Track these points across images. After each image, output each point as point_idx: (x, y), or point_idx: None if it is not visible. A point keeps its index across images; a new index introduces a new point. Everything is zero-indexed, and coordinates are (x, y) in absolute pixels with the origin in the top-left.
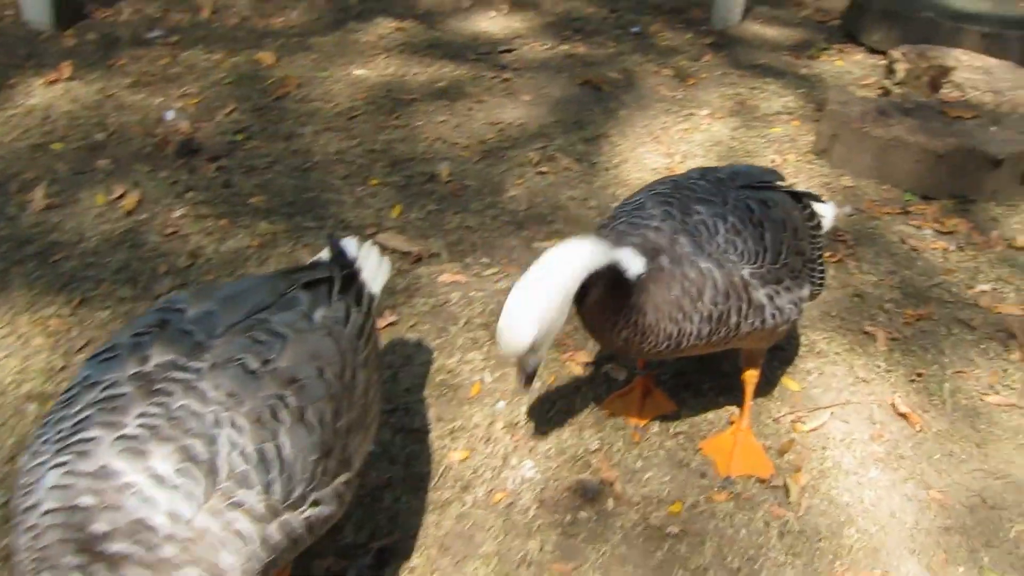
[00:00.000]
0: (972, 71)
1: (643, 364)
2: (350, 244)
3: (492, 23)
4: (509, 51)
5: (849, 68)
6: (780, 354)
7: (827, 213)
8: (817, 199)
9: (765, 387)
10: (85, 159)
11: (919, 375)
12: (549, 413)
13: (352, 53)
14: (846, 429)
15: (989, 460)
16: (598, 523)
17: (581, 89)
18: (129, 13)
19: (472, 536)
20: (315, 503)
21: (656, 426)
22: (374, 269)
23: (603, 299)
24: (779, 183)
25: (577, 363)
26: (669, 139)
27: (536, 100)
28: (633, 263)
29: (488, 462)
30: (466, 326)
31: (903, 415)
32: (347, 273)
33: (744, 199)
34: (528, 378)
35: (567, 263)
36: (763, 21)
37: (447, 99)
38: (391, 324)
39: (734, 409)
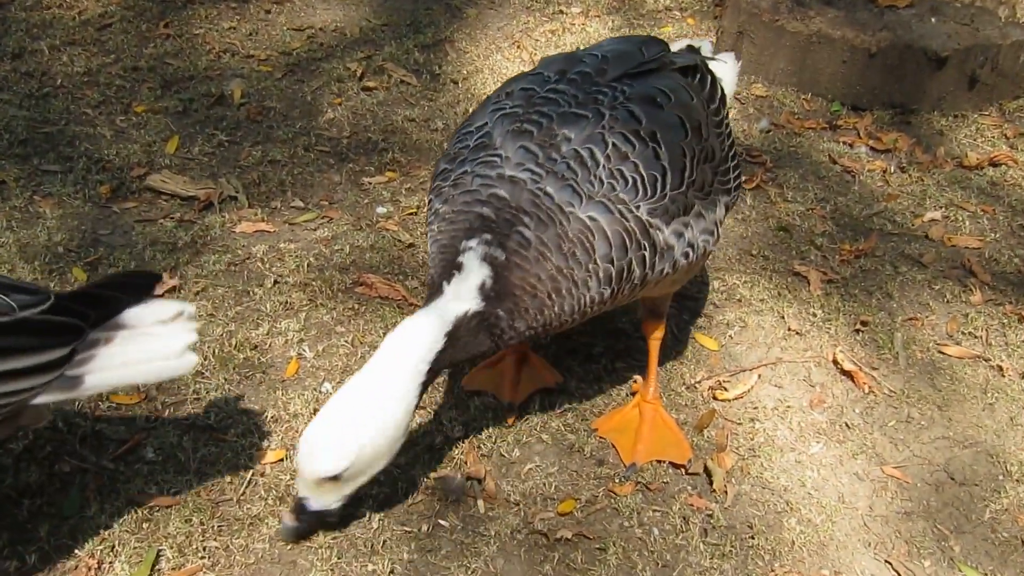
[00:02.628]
0: None
1: None
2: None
3: None
4: None
5: None
6: (691, 304)
7: (727, 73)
8: (707, 59)
9: (674, 346)
10: None
11: (864, 324)
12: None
13: None
14: (779, 395)
15: (954, 425)
16: (465, 532)
17: None
18: None
19: (294, 561)
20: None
21: (536, 403)
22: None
23: (479, 332)
24: (664, 58)
25: None
26: (532, 43)
27: None
28: (462, 294)
29: None
30: (276, 287)
31: (848, 374)
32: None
33: (623, 104)
34: (311, 521)
35: (399, 375)
36: None
37: (235, 0)
38: (172, 290)
39: (636, 376)
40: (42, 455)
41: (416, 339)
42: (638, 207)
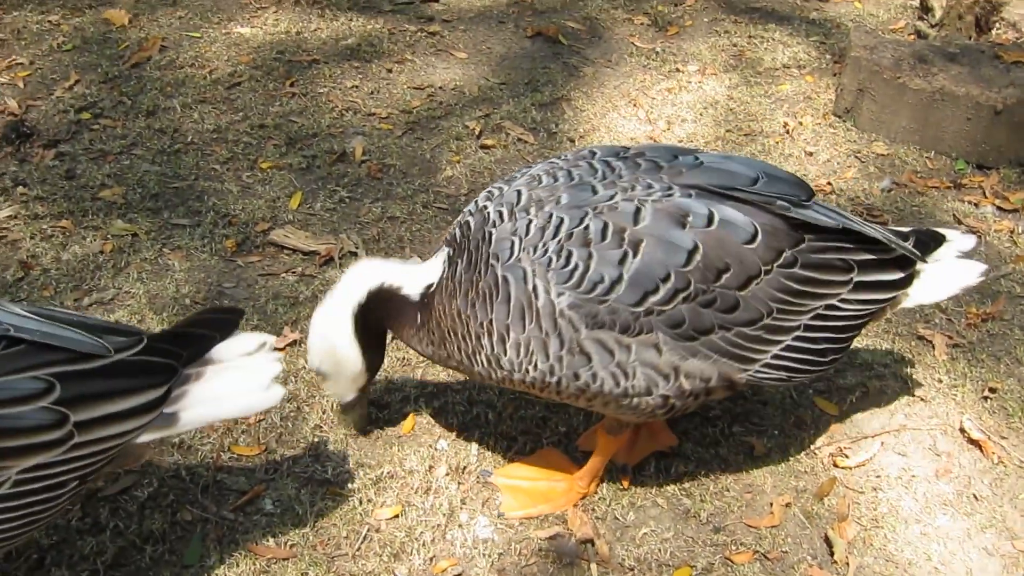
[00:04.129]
0: None
1: None
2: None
3: None
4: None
5: (871, 10)
6: None
7: (943, 280)
8: (915, 254)
9: (793, 410)
10: None
11: (992, 391)
12: (509, 453)
13: (231, 7)
14: (903, 463)
15: None
16: None
17: (532, 43)
18: None
19: None
20: None
21: (652, 466)
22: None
23: (399, 315)
24: (777, 202)
25: None
26: (649, 101)
27: (475, 57)
28: (416, 277)
29: (427, 520)
30: (394, 344)
31: (975, 443)
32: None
33: (643, 201)
34: (343, 409)
35: (343, 291)
36: None
37: (358, 60)
38: (292, 343)
39: (752, 440)
40: (165, 503)
41: (349, 286)
42: (561, 293)
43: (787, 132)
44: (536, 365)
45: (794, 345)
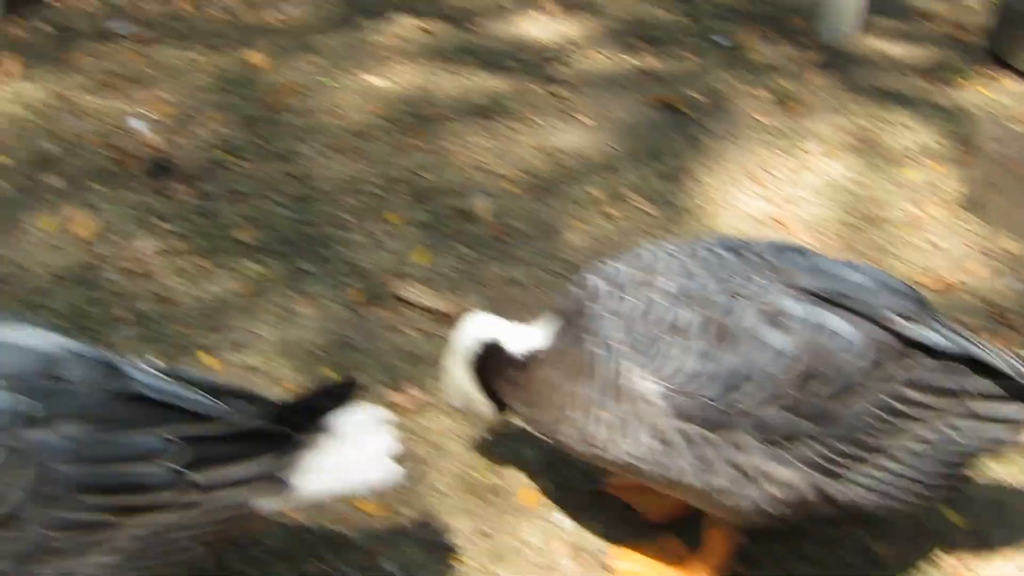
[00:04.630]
0: None
1: None
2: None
3: (538, 26)
4: (560, 61)
5: (998, 97)
6: None
7: None
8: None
9: (923, 519)
10: (31, 175)
11: None
12: (629, 536)
13: (364, 57)
14: None
15: None
16: None
17: (656, 111)
18: None
19: None
20: None
21: (770, 564)
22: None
23: (501, 370)
24: (890, 311)
25: None
26: (770, 179)
27: (599, 123)
28: (521, 337)
29: None
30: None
31: None
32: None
33: (745, 300)
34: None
35: (459, 342)
36: (884, 35)
37: (484, 117)
38: (418, 403)
39: (875, 547)
40: (291, 554)
41: (466, 340)
42: (650, 380)
43: (911, 221)
44: (620, 446)
45: (891, 467)
